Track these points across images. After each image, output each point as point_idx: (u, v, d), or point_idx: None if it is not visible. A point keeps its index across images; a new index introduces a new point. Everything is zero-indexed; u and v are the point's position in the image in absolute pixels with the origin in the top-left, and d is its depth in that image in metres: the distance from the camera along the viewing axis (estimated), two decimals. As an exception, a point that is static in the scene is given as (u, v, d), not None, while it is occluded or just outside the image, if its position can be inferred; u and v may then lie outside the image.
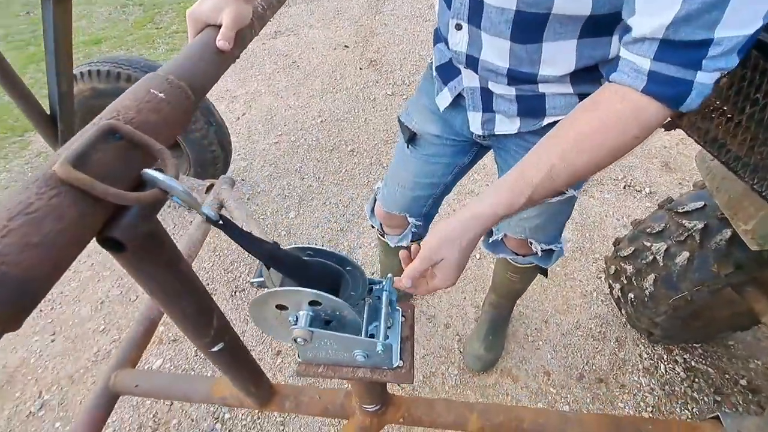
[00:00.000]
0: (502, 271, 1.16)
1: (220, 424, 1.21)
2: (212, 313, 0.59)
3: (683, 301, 1.00)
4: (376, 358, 0.53)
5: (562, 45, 0.58)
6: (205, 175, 1.63)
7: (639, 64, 0.45)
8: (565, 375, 1.29)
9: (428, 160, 0.89)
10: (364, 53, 2.77)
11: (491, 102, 0.72)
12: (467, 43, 0.64)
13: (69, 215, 0.33)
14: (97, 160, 0.36)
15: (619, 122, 0.46)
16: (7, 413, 1.24)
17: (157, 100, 0.43)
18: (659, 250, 1.03)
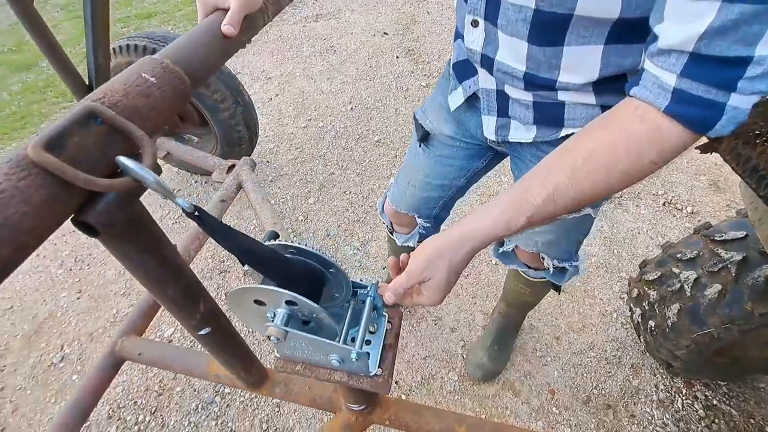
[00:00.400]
0: (514, 281, 1.11)
1: (219, 398, 1.25)
2: (199, 298, 0.59)
3: (708, 337, 0.92)
4: (351, 365, 0.52)
5: (586, 50, 0.53)
6: (230, 154, 1.66)
7: (663, 79, 0.39)
8: (571, 396, 1.23)
9: (440, 161, 0.86)
10: (402, 41, 2.71)
11: (507, 106, 0.67)
12: (483, 41, 0.60)
13: (37, 198, 0.33)
14: (74, 143, 0.35)
15: (635, 145, 0.41)
16: (32, 361, 1.34)
17: (147, 85, 0.42)
18: (688, 278, 0.95)
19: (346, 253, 1.60)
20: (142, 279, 0.50)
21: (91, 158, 0.36)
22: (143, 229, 0.45)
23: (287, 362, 0.57)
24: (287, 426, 1.20)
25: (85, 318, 1.44)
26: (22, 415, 1.23)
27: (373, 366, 0.55)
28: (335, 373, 0.56)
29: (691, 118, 0.39)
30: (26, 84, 2.60)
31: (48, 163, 0.33)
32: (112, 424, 1.21)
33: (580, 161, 0.44)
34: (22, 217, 0.32)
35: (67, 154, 0.35)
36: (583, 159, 0.44)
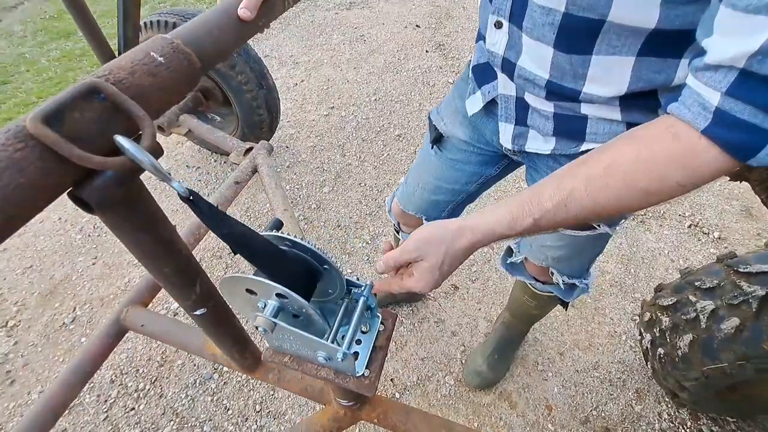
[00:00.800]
0: (520, 292, 1.08)
1: (217, 375, 1.27)
2: (195, 279, 0.59)
3: (720, 371, 0.88)
4: (337, 364, 0.51)
5: (616, 61, 0.49)
6: (250, 137, 1.67)
7: (706, 97, 0.36)
8: (568, 414, 1.20)
9: (452, 165, 0.84)
10: (434, 35, 2.66)
11: (526, 115, 0.64)
12: (506, 44, 0.57)
13: (31, 171, 0.33)
14: (73, 118, 0.35)
15: (663, 163, 0.38)
16: (46, 319, 1.39)
17: (155, 64, 0.42)
18: (705, 309, 0.90)
19: (355, 246, 1.59)
20: (138, 256, 0.50)
21: (89, 134, 0.36)
22: (141, 208, 0.45)
23: (276, 353, 0.57)
24: (280, 410, 1.21)
25: (98, 283, 1.49)
26: (32, 370, 1.28)
27: (360, 367, 0.54)
28: (322, 369, 0.55)
29: (731, 143, 0.35)
30: (64, 51, 2.68)
31: (44, 136, 0.33)
32: (113, 388, 1.25)
33: (599, 171, 0.41)
34: (16, 188, 0.32)
35: (65, 128, 0.35)
36: (603, 169, 0.41)
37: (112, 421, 1.18)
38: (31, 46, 2.72)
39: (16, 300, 1.45)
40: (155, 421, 1.18)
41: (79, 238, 1.63)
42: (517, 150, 0.69)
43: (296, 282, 0.47)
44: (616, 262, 1.53)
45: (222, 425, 1.18)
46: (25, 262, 1.56)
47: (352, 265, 1.53)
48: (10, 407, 1.21)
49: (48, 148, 0.34)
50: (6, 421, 1.18)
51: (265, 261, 0.45)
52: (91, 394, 1.23)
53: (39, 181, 0.33)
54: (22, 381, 1.26)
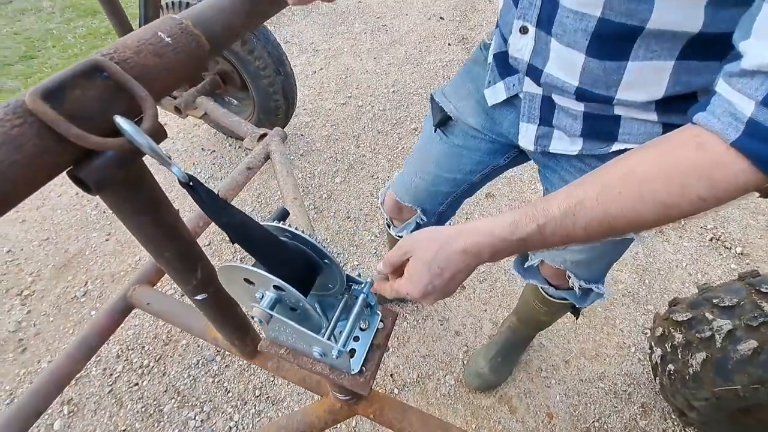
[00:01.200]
0: (530, 297, 1.05)
1: (220, 357, 1.29)
2: (197, 264, 0.59)
3: (732, 394, 0.84)
4: (332, 360, 0.50)
5: (653, 66, 0.46)
6: (266, 123, 1.66)
7: (738, 106, 0.33)
8: (570, 424, 1.18)
9: (457, 151, 0.78)
10: (458, 28, 2.61)
11: (552, 115, 0.61)
12: (531, 50, 0.54)
13: (28, 148, 0.32)
14: (74, 96, 0.35)
15: (684, 173, 0.35)
16: (58, 291, 1.43)
17: (161, 44, 0.41)
18: (722, 328, 0.87)
19: (363, 238, 1.58)
20: (138, 238, 0.50)
21: (89, 113, 0.35)
22: (142, 191, 0.44)
23: (273, 344, 0.56)
24: (279, 396, 1.22)
25: (110, 260, 1.52)
26: (43, 340, 1.32)
27: (356, 364, 0.53)
28: (318, 364, 0.54)
29: (762, 157, 0.32)
30: (90, 29, 2.72)
31: (43, 113, 0.32)
32: (119, 363, 1.27)
33: (614, 179, 0.38)
34: (11, 165, 0.31)
35: (65, 106, 0.34)
36: (618, 177, 0.38)
37: (116, 394, 1.21)
38: (59, 23, 2.77)
39: (31, 270, 1.49)
40: (157, 398, 1.20)
41: (94, 214, 1.66)
42: (540, 151, 0.66)
43: (295, 275, 0.46)
44: (631, 272, 1.49)
45: (221, 407, 1.19)
46: (42, 234, 1.59)
47: (360, 258, 1.53)
48: (20, 374, 1.24)
49: (46, 125, 0.33)
50: (16, 387, 1.22)
51: (265, 252, 0.44)
52: (97, 367, 1.26)
53: (36, 159, 0.33)
54: (33, 350, 1.30)
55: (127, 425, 1.15)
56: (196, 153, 1.90)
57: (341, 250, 1.54)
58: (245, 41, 1.44)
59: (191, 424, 1.16)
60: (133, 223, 0.47)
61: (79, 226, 1.62)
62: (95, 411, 1.18)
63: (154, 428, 1.15)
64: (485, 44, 0.71)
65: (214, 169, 1.83)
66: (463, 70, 0.77)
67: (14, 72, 2.40)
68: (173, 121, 2.00)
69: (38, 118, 0.33)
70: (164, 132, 0.41)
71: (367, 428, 1.15)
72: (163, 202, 0.48)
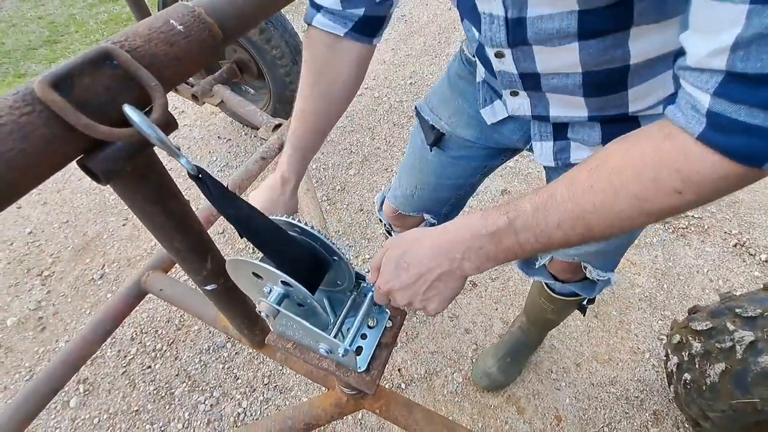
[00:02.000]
0: (536, 295, 1.04)
1: (230, 344, 1.31)
2: (206, 255, 0.59)
3: (750, 407, 0.81)
4: (338, 358, 0.50)
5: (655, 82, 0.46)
6: (281, 113, 1.66)
7: (697, 98, 0.31)
8: (578, 427, 1.16)
9: (455, 162, 0.78)
10: (479, 20, 2.54)
11: (566, 129, 0.58)
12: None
13: (36, 137, 0.32)
14: (83, 84, 0.34)
15: (653, 164, 0.33)
16: (77, 273, 1.47)
17: (173, 32, 0.40)
18: (743, 339, 0.83)
19: (375, 232, 1.57)
20: (149, 228, 0.50)
21: (98, 102, 0.35)
22: (152, 181, 0.44)
23: (280, 338, 0.56)
24: (287, 385, 1.23)
25: (126, 244, 1.55)
26: (61, 319, 1.36)
27: (363, 362, 0.52)
28: (324, 360, 0.54)
29: (731, 149, 0.30)
30: (111, 14, 2.75)
31: (52, 101, 0.32)
32: (133, 345, 1.30)
33: (583, 172, 0.36)
34: (18, 154, 0.31)
35: (74, 94, 0.34)
36: (588, 170, 0.36)
37: (130, 376, 1.24)
38: (81, 8, 2.81)
39: (51, 252, 1.53)
40: (169, 381, 1.23)
41: (112, 199, 1.69)
42: (562, 165, 0.62)
43: (303, 271, 0.46)
44: (649, 276, 1.44)
45: (230, 393, 1.21)
46: (62, 217, 1.63)
47: (372, 251, 1.52)
48: (39, 352, 1.29)
49: (55, 114, 0.33)
50: (35, 364, 1.26)
51: (272, 247, 0.44)
52: (112, 348, 1.29)
53: (43, 149, 0.32)
54: (51, 329, 1.34)
55: (140, 406, 1.18)
56: (212, 141, 1.91)
57: (353, 242, 1.54)
58: (262, 30, 1.43)
59: (201, 408, 1.18)
60: (142, 213, 0.46)
61: (97, 210, 1.65)
62: (109, 391, 1.21)
63: (166, 410, 1.18)
64: (467, 58, 0.69)
65: (229, 158, 1.84)
66: (446, 83, 0.74)
67: (38, 56, 2.45)
68: (191, 108, 2.01)
69: (47, 106, 0.32)
70: (175, 122, 0.40)
71: (373, 421, 1.15)
72: (173, 192, 0.48)
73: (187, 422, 1.15)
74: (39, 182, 0.34)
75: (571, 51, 0.44)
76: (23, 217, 1.64)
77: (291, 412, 0.83)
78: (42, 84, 0.32)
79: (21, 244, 1.55)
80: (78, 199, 1.70)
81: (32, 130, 0.32)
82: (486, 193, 1.69)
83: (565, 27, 0.42)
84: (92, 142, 0.36)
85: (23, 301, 1.40)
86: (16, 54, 2.47)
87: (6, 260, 1.51)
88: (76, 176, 1.78)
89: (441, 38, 2.41)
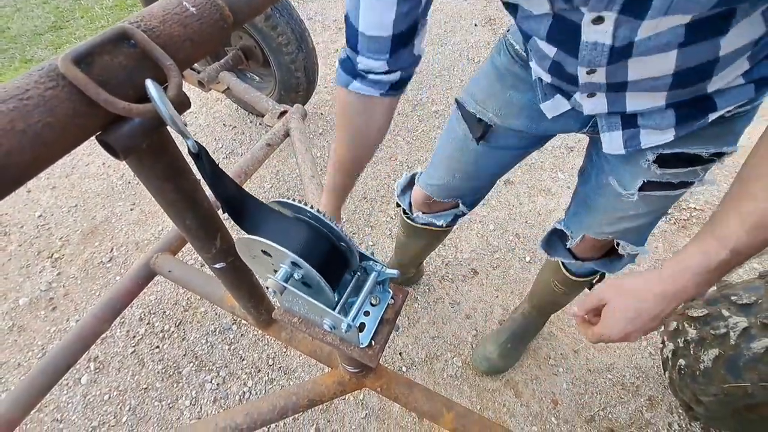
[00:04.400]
0: (548, 277, 1.05)
1: (236, 326, 1.34)
2: (216, 233, 0.61)
3: (741, 391, 0.83)
4: (342, 333, 0.52)
5: (736, 64, 0.46)
6: (287, 100, 1.67)
7: None
8: (574, 411, 1.19)
9: (498, 152, 0.79)
10: (485, 8, 2.53)
11: (635, 118, 0.58)
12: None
13: (60, 110, 0.34)
14: (103, 62, 0.36)
15: None
16: (86, 256, 1.50)
17: (186, 14, 0.42)
18: (737, 326, 0.85)
19: (379, 219, 1.59)
20: (161, 204, 0.52)
21: (117, 79, 0.37)
22: (166, 159, 0.46)
23: (287, 313, 0.58)
24: (291, 366, 1.27)
25: (134, 228, 1.58)
26: (71, 300, 1.39)
27: (365, 338, 0.54)
28: (329, 334, 0.56)
29: None
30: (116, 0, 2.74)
31: (74, 77, 0.34)
32: (141, 326, 1.34)
33: None
34: (44, 127, 0.33)
35: (95, 71, 0.35)
36: None
37: (139, 355, 1.28)
38: (88, -7, 2.80)
39: (61, 235, 1.56)
40: (177, 361, 1.27)
41: (120, 184, 1.71)
42: (633, 152, 0.62)
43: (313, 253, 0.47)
44: (649, 266, 1.46)
45: (236, 372, 1.25)
46: (71, 201, 1.66)
47: (374, 238, 1.54)
48: (50, 331, 1.32)
49: (77, 89, 0.34)
50: (47, 342, 1.30)
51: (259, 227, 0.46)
52: (121, 328, 1.33)
53: (67, 122, 0.34)
54: (62, 308, 1.37)
55: (149, 384, 1.22)
56: (217, 128, 1.92)
57: (356, 229, 1.56)
58: (268, 16, 1.43)
59: (207, 386, 1.22)
60: (156, 189, 0.48)
61: (105, 195, 1.68)
62: (119, 369, 1.25)
63: (174, 388, 1.21)
64: (517, 52, 0.68)
65: (234, 145, 1.85)
66: (494, 76, 0.72)
67: (44, 42, 2.46)
68: (196, 95, 2.02)
69: (70, 81, 0.34)
70: (188, 102, 0.42)
71: (375, 402, 1.18)
72: (184, 170, 0.50)
73: (195, 400, 1.19)
74: (61, 155, 0.36)
75: (669, 58, 0.45)
76: (33, 200, 1.67)
77: (295, 389, 0.86)
78: (65, 60, 0.33)
79: (31, 227, 1.59)
80: (86, 184, 1.72)
81: (57, 104, 0.33)
82: (489, 183, 1.70)
83: (673, 40, 0.42)
84: (111, 118, 0.37)
85: (34, 282, 1.43)
86: (22, 39, 2.48)
87: (17, 242, 1.54)
88: (84, 162, 1.81)
89: (447, 27, 2.40)
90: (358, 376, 0.86)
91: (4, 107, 0.31)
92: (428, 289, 1.41)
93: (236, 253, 0.69)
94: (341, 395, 0.87)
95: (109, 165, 1.78)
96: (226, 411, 0.84)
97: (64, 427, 1.15)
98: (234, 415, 0.81)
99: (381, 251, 1.50)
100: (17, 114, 0.31)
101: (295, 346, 0.93)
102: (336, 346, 0.56)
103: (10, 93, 0.32)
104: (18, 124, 0.31)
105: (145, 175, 0.46)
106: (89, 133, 0.37)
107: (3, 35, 2.51)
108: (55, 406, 1.18)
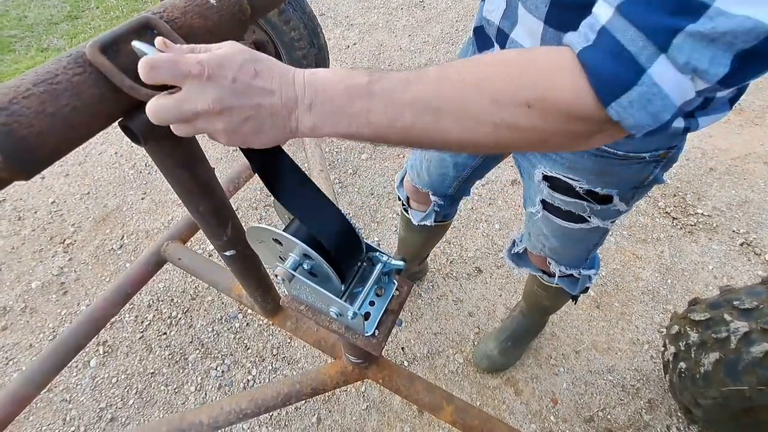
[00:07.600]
0: (531, 283, 1.09)
1: (242, 316, 1.36)
2: (228, 222, 0.63)
3: (740, 394, 0.84)
4: (347, 321, 0.53)
5: None
6: (297, 94, 1.68)
7: (598, 15, 0.31)
8: (573, 411, 1.19)
9: None
10: (497, 8, 2.52)
11: None
12: (502, 12, 0.55)
13: (87, 95, 0.36)
14: (128, 50, 0.37)
15: (523, 65, 0.33)
16: (97, 243, 1.53)
17: (207, 6, 0.43)
18: (738, 330, 0.85)
19: (385, 215, 1.61)
20: (177, 191, 0.53)
21: (141, 68, 0.38)
22: (183, 146, 0.48)
23: (294, 300, 0.60)
24: (295, 357, 1.28)
25: (145, 217, 1.60)
26: (82, 285, 1.42)
27: (370, 327, 0.56)
28: (334, 322, 0.57)
29: (597, 72, 0.29)
30: (133, -9, 2.78)
31: (101, 64, 0.35)
32: (150, 312, 1.37)
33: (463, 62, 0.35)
34: (72, 111, 0.35)
35: (120, 59, 0.37)
36: (467, 61, 0.35)
37: (147, 341, 1.31)
38: (104, -16, 2.84)
39: (73, 222, 1.59)
40: (183, 348, 1.29)
41: (131, 174, 1.74)
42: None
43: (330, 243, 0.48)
44: (654, 270, 1.46)
45: (241, 361, 1.27)
46: (84, 189, 1.69)
47: (380, 234, 1.56)
48: (62, 314, 1.36)
49: (103, 76, 0.36)
50: (58, 325, 1.33)
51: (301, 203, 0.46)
52: (130, 314, 1.36)
53: (93, 107, 0.36)
54: (73, 293, 1.40)
55: (155, 369, 1.25)
56: (228, 120, 1.94)
57: (363, 225, 1.58)
58: (282, 11, 1.44)
59: (212, 373, 1.24)
60: (173, 176, 0.50)
61: (117, 184, 1.71)
62: (127, 354, 1.28)
63: (180, 374, 1.24)
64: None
65: (244, 137, 1.87)
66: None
67: (60, 31, 2.50)
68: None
69: (96, 68, 0.36)
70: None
71: (376, 394, 1.20)
72: (201, 159, 0.51)
73: (200, 386, 1.22)
74: (86, 139, 0.37)
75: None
76: (47, 187, 1.71)
77: (299, 377, 0.88)
78: (92, 48, 0.35)
79: (44, 213, 1.62)
80: (98, 173, 1.75)
81: (84, 89, 0.35)
82: (496, 183, 1.70)
83: None
84: (133, 104, 0.39)
85: (47, 267, 1.47)
86: (38, 28, 2.52)
87: (31, 227, 1.58)
88: (97, 150, 1.84)
89: (459, 26, 2.40)
90: (360, 367, 0.87)
91: (35, 90, 0.33)
92: (432, 285, 1.42)
93: (246, 241, 0.71)
94: (343, 385, 0.89)
95: (121, 155, 1.81)
96: (231, 396, 0.86)
97: (72, 407, 1.18)
98: (239, 400, 0.83)
99: (387, 247, 1.52)
100: (47, 97, 0.33)
101: (300, 336, 0.95)
102: (341, 334, 0.57)
103: (41, 77, 0.34)
104: (48, 106, 0.33)
105: (163, 162, 0.48)
106: (113, 119, 0.39)
107: (20, 23, 2.56)
108: (65, 387, 1.21)
